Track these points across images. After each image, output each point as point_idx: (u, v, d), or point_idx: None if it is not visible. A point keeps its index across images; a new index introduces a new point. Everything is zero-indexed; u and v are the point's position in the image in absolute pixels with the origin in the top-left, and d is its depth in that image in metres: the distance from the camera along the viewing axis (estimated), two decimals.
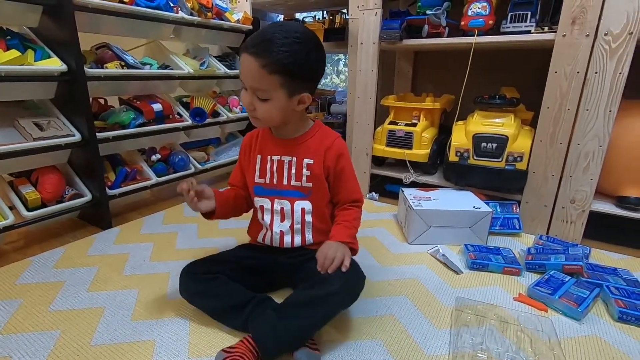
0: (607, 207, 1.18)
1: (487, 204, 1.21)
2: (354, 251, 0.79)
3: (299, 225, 0.84)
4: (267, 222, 0.86)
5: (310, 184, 0.82)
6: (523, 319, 0.82)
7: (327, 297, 0.69)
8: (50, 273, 0.98)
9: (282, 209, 0.84)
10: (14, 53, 1.01)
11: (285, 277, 0.87)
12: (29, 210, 1.09)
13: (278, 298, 0.80)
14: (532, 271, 1.02)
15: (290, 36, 0.69)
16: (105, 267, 1.01)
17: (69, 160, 1.27)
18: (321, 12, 2.09)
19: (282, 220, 0.85)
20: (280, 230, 0.85)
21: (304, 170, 0.82)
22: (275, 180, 0.84)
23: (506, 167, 1.27)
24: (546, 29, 1.18)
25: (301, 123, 0.84)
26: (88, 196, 1.22)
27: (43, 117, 1.17)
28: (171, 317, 0.81)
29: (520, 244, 1.19)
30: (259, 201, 0.86)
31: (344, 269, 0.70)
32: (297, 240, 0.85)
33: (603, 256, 1.12)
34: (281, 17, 2.21)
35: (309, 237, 0.85)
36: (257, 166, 0.85)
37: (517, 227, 1.24)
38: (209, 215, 0.84)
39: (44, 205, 1.14)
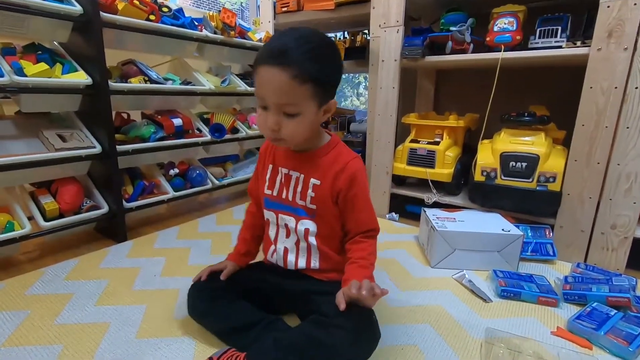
0: None
1: (517, 227, 1.13)
2: None
3: (305, 245, 0.78)
4: (272, 236, 0.82)
5: (314, 206, 0.75)
6: (564, 356, 0.72)
7: (332, 349, 0.61)
8: (61, 285, 0.96)
9: (286, 225, 0.79)
10: (42, 66, 1.04)
11: (289, 304, 0.81)
12: (46, 220, 1.09)
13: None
14: (571, 302, 0.92)
15: (310, 41, 0.66)
16: (116, 281, 0.98)
17: (88, 172, 1.28)
18: (342, 32, 2.11)
19: (287, 236, 0.80)
20: (285, 247, 0.80)
21: (309, 191, 0.75)
22: (283, 195, 0.78)
23: (538, 188, 1.19)
24: (579, 43, 1.12)
25: (316, 134, 0.77)
26: (105, 208, 1.22)
27: (67, 129, 1.19)
28: (177, 336, 0.77)
29: (555, 272, 1.09)
30: (266, 214, 0.82)
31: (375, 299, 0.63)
32: (302, 263, 0.79)
33: None
34: None
35: (314, 262, 0.78)
36: (267, 176, 0.81)
37: (551, 253, 1.14)
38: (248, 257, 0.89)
39: (61, 216, 1.14)
